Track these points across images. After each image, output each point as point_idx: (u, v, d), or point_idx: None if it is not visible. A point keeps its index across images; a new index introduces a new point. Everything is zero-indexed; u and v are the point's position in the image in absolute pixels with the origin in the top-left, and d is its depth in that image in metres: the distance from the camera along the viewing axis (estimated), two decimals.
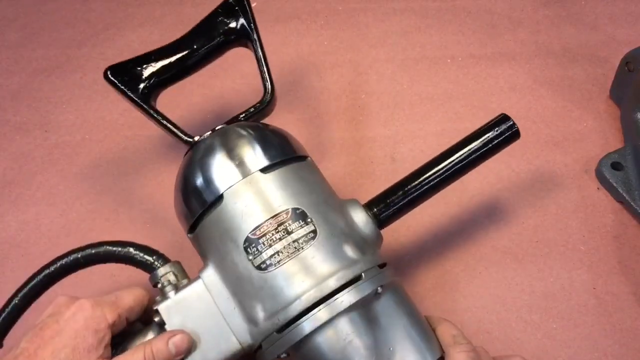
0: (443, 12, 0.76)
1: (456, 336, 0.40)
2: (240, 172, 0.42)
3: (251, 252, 0.39)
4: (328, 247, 0.39)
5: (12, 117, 0.67)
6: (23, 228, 0.58)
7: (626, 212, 0.57)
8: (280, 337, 0.38)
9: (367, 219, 0.43)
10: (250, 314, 0.39)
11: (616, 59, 0.62)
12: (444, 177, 0.45)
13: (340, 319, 0.37)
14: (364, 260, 0.40)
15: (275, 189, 0.41)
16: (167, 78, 0.51)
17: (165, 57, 0.50)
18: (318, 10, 0.76)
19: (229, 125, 0.46)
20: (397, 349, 0.38)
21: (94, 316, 0.39)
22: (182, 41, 0.52)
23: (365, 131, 0.64)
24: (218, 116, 0.66)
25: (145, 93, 0.49)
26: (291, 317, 0.38)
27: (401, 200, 0.44)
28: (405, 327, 0.39)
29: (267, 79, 0.50)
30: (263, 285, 0.39)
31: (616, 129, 0.63)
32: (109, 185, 0.61)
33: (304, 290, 0.38)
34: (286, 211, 0.40)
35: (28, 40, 0.75)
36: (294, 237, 0.39)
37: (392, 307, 0.39)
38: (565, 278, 0.53)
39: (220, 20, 0.51)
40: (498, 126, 0.46)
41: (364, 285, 0.38)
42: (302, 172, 0.44)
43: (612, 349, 0.49)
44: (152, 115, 0.48)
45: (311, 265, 0.39)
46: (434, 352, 0.39)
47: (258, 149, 0.43)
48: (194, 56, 0.51)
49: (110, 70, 0.49)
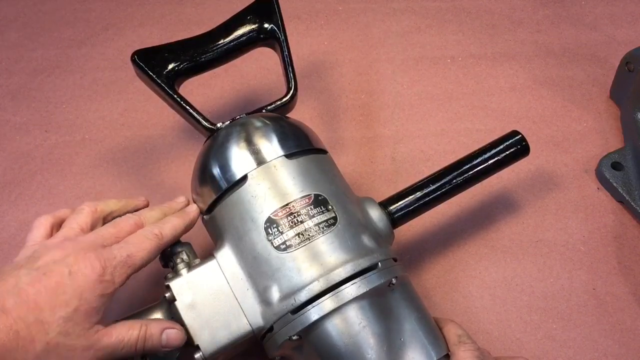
0: (443, 12, 0.76)
1: (461, 336, 0.40)
2: (265, 155, 0.43)
3: (271, 232, 0.40)
4: (347, 235, 0.40)
5: (12, 117, 0.67)
6: (23, 228, 0.58)
7: (626, 212, 0.57)
8: (294, 318, 0.38)
9: (382, 216, 0.45)
10: (264, 295, 0.40)
11: (616, 59, 0.62)
12: (459, 183, 0.47)
13: (356, 304, 0.38)
14: (380, 252, 0.41)
15: (298, 174, 0.42)
16: (191, 68, 0.51)
17: (192, 48, 0.51)
18: (318, 10, 0.76)
19: (254, 114, 0.47)
20: (407, 341, 0.38)
21: (103, 280, 0.37)
22: (210, 34, 0.53)
23: (365, 131, 0.64)
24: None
25: (169, 78, 0.50)
26: (308, 298, 0.38)
27: (416, 202, 0.46)
28: (416, 321, 0.40)
29: (292, 78, 0.51)
30: (281, 266, 0.39)
31: (616, 129, 0.63)
32: (109, 185, 0.61)
33: (323, 273, 0.38)
34: (309, 196, 0.41)
35: (28, 40, 0.75)
36: (315, 222, 0.40)
37: (404, 300, 0.40)
38: (565, 278, 0.53)
39: (250, 18, 0.53)
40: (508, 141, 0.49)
41: (380, 274, 0.39)
42: (323, 164, 0.45)
43: (612, 349, 0.49)
44: (175, 100, 0.49)
45: (330, 250, 0.39)
46: (441, 348, 0.39)
47: (283, 136, 0.44)
48: (220, 50, 0.52)
49: (137, 55, 0.50)
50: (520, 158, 0.49)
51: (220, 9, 0.77)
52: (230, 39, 0.52)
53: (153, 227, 0.41)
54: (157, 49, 0.51)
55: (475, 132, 0.63)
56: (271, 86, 0.68)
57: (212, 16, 0.76)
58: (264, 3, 0.54)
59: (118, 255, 0.38)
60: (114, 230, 0.40)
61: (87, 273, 0.36)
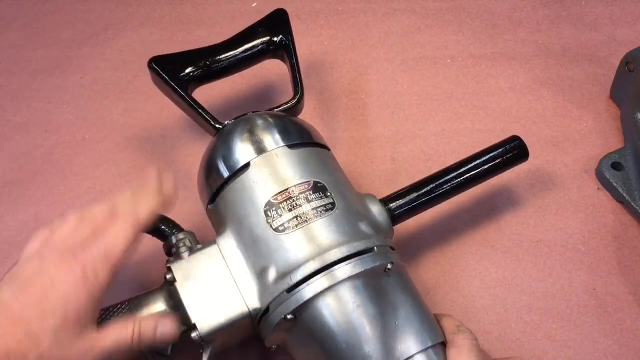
0: (443, 12, 0.76)
1: (460, 326, 0.41)
2: (267, 144, 0.45)
3: (270, 215, 0.41)
4: (344, 220, 0.42)
5: (12, 117, 0.67)
6: (23, 228, 0.58)
7: (626, 212, 0.57)
8: (289, 297, 0.39)
9: (382, 211, 0.46)
10: (261, 276, 0.41)
11: (616, 59, 0.62)
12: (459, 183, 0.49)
13: (350, 283, 0.39)
14: (377, 238, 0.42)
15: (299, 163, 0.44)
16: (204, 75, 0.55)
17: (205, 57, 0.55)
18: (318, 10, 0.76)
19: (259, 112, 0.49)
20: (401, 325, 0.39)
21: (86, 282, 0.36)
22: (223, 45, 0.57)
23: (365, 131, 0.64)
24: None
25: (182, 83, 0.53)
26: (303, 277, 0.39)
27: (416, 200, 0.48)
28: (412, 308, 0.40)
29: (299, 84, 0.54)
30: (278, 247, 0.40)
31: (616, 129, 0.63)
32: (109, 185, 0.61)
33: (318, 252, 0.40)
34: (308, 182, 0.43)
35: (28, 40, 0.75)
36: (313, 206, 0.42)
37: (400, 287, 0.41)
38: (565, 278, 0.53)
39: (262, 30, 0.57)
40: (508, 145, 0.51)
41: (376, 257, 0.40)
42: (325, 157, 0.47)
43: (612, 349, 0.49)
44: (188, 102, 0.52)
45: (327, 232, 0.41)
46: (436, 335, 0.39)
47: (285, 129, 0.47)
48: (232, 60, 0.56)
49: (153, 60, 0.53)
50: (519, 163, 0.51)
51: (220, 9, 0.77)
52: (242, 49, 0.56)
53: (127, 214, 0.40)
54: (172, 57, 0.54)
55: (475, 132, 0.63)
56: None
57: (212, 16, 0.76)
58: (276, 17, 0.57)
59: (96, 253, 0.37)
60: (89, 227, 0.39)
61: (68, 278, 0.36)
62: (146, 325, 0.39)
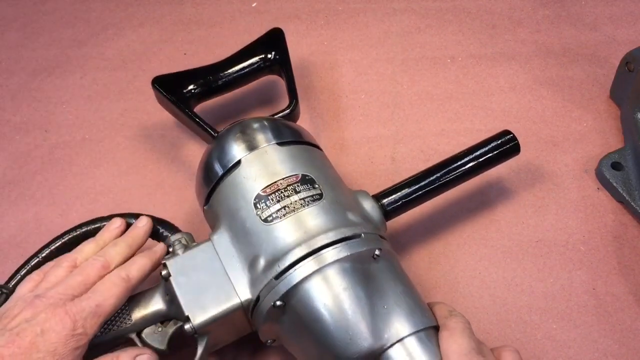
0: (443, 12, 0.76)
1: (452, 311, 0.41)
2: (258, 142, 0.46)
3: (260, 207, 0.43)
4: (332, 209, 0.43)
5: (12, 117, 0.67)
6: (23, 228, 0.58)
7: (626, 212, 0.57)
8: (278, 283, 0.39)
9: (375, 206, 0.46)
10: (252, 267, 0.41)
11: (616, 59, 0.62)
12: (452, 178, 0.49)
13: (338, 266, 0.39)
14: (365, 226, 0.43)
15: (288, 159, 0.45)
16: (204, 92, 0.59)
17: (205, 76, 0.59)
18: (318, 10, 0.76)
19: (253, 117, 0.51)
20: (391, 309, 0.39)
21: (75, 334, 0.37)
22: (222, 64, 0.60)
23: (365, 131, 0.64)
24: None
25: (184, 100, 0.56)
26: (291, 262, 0.40)
27: (408, 196, 0.48)
28: (402, 293, 0.40)
29: (294, 97, 0.56)
30: (267, 236, 0.41)
31: (616, 129, 0.63)
32: (109, 185, 0.61)
33: (305, 239, 0.40)
34: (296, 175, 0.44)
35: (28, 40, 0.75)
36: (301, 196, 0.43)
37: (390, 273, 0.41)
38: (565, 278, 0.53)
39: (259, 49, 0.60)
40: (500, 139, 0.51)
41: (363, 242, 0.41)
42: (315, 155, 0.48)
43: (612, 349, 0.49)
44: (190, 117, 0.54)
45: (314, 219, 0.42)
46: (428, 320, 0.40)
47: (277, 128, 0.48)
48: (230, 78, 0.60)
49: (156, 81, 0.56)
50: (511, 157, 0.51)
51: (220, 9, 0.77)
52: (240, 67, 0.60)
53: (120, 271, 0.42)
54: (174, 76, 0.57)
55: (476, 132, 0.63)
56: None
57: (211, 16, 0.76)
58: (272, 35, 0.60)
59: (87, 306, 0.39)
60: (81, 278, 0.41)
61: (58, 330, 0.37)
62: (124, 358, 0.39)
